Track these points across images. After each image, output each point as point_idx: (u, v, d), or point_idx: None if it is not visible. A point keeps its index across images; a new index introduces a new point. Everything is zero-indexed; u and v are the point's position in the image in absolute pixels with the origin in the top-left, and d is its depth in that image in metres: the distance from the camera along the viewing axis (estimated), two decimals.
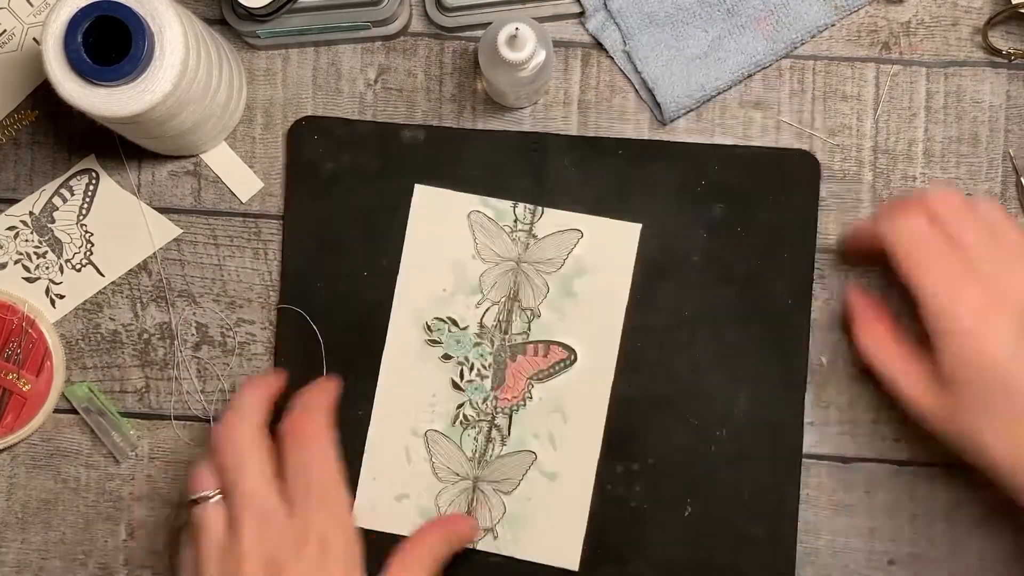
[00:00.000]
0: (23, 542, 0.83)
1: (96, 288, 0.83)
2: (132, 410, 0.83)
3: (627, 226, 0.80)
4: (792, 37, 0.80)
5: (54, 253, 0.83)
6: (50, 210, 0.83)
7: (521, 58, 0.72)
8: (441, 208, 0.81)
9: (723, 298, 0.80)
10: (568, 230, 0.80)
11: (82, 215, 0.83)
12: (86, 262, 0.83)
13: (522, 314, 0.80)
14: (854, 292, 0.79)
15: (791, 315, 0.80)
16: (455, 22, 0.81)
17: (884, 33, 0.81)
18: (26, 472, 0.83)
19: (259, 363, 0.82)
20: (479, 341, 0.81)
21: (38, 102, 0.83)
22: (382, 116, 0.82)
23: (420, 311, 0.81)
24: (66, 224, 0.83)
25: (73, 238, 0.83)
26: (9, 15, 0.83)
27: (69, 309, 0.83)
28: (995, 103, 0.81)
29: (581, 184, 0.80)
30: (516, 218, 0.81)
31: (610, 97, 0.82)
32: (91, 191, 0.83)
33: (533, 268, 0.81)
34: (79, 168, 0.83)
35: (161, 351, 0.83)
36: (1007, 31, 0.81)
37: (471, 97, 0.82)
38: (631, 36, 0.81)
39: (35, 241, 0.83)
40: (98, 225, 0.83)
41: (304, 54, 0.83)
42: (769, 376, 0.79)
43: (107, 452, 0.83)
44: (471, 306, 0.81)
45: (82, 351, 0.83)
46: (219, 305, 0.82)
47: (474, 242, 0.81)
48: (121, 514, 0.83)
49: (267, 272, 0.82)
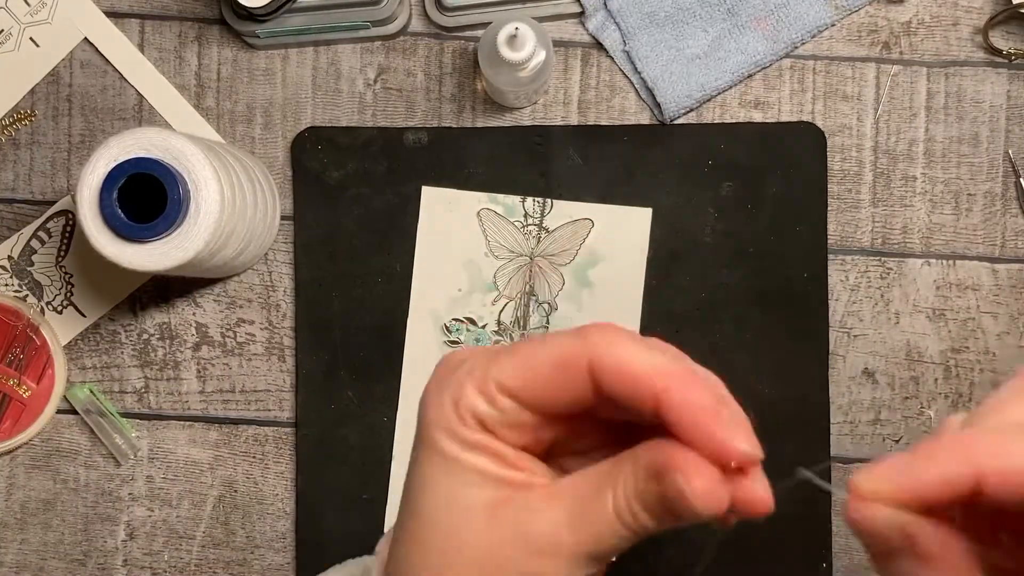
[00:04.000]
0: (22, 542, 0.83)
1: (78, 330, 0.82)
2: (132, 410, 0.83)
3: (638, 211, 0.80)
4: (792, 37, 0.80)
5: (34, 296, 0.82)
6: (28, 253, 0.82)
7: (521, 58, 0.72)
8: (450, 208, 0.81)
9: (739, 276, 0.80)
10: (579, 220, 0.81)
11: (60, 256, 0.82)
12: (67, 303, 0.82)
13: (539, 308, 0.81)
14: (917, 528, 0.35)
15: (808, 288, 0.80)
16: (455, 22, 0.81)
17: (884, 33, 0.81)
18: (25, 472, 0.83)
19: (259, 363, 0.82)
20: (498, 338, 0.81)
21: (37, 102, 0.83)
22: (382, 116, 0.82)
23: (437, 313, 0.81)
24: (45, 266, 0.82)
25: (53, 280, 0.82)
26: (6, 15, 0.83)
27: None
28: (995, 103, 0.81)
29: (588, 173, 0.81)
30: (526, 212, 0.81)
31: (610, 97, 0.82)
32: (68, 232, 0.82)
33: (547, 261, 0.81)
34: (56, 210, 0.82)
35: (161, 351, 0.82)
36: (1007, 31, 0.81)
37: (471, 97, 0.82)
38: (631, 36, 0.80)
39: (15, 285, 0.83)
40: (77, 266, 0.82)
41: (304, 54, 0.83)
42: (791, 352, 0.79)
43: (106, 452, 0.82)
44: (487, 304, 0.81)
45: (81, 351, 0.83)
46: (219, 305, 0.82)
47: (485, 240, 0.81)
48: (121, 514, 0.83)
49: (267, 272, 0.82)
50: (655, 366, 0.36)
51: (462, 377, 0.39)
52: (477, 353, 0.39)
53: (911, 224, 0.81)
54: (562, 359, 0.37)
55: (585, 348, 0.37)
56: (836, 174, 0.81)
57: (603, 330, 0.37)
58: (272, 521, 0.82)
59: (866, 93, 0.81)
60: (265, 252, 0.82)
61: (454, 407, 0.38)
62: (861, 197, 0.81)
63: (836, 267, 0.81)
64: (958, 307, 0.81)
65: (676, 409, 0.36)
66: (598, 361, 0.37)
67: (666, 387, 0.36)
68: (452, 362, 0.40)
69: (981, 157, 0.81)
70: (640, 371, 0.36)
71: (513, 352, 0.38)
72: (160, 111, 0.82)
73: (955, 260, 0.81)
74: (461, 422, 0.38)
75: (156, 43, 0.83)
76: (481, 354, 0.39)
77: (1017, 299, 0.81)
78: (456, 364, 0.40)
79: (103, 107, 0.83)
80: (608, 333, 0.37)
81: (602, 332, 0.37)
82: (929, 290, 0.81)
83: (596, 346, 0.37)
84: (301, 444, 0.81)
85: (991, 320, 0.80)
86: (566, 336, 0.38)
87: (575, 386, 0.37)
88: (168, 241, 0.67)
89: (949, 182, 0.81)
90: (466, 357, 0.40)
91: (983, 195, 0.81)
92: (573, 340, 0.37)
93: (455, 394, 0.38)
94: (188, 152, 0.67)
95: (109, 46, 0.83)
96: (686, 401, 0.35)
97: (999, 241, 0.81)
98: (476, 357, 0.39)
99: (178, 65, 0.83)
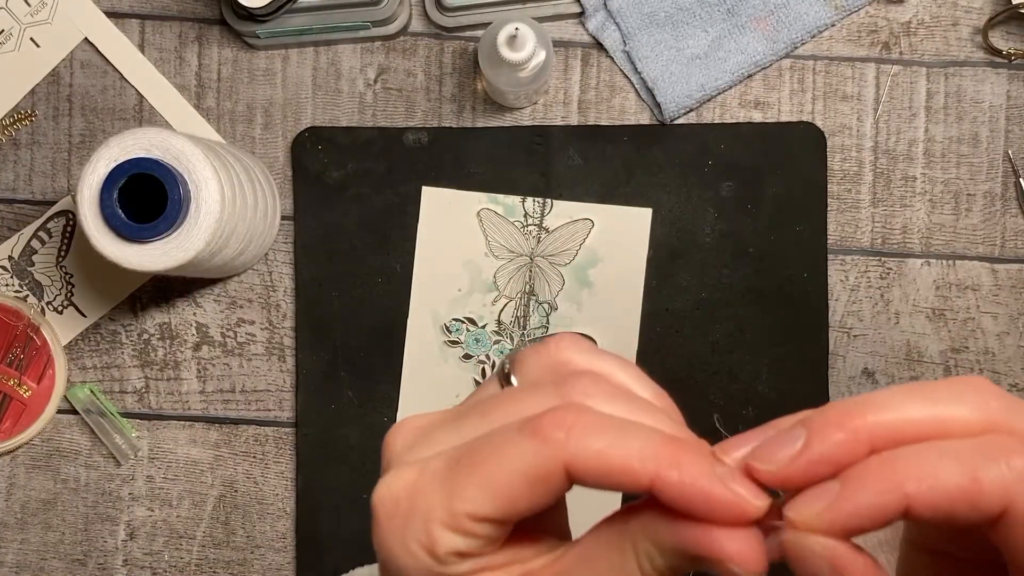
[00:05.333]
0: (23, 542, 0.83)
1: (79, 330, 0.82)
2: (132, 410, 0.83)
3: (638, 211, 0.80)
4: (792, 37, 0.80)
5: (35, 296, 0.82)
6: (29, 253, 0.82)
7: (521, 58, 0.72)
8: (450, 208, 0.81)
9: (739, 276, 0.80)
10: (579, 220, 0.81)
11: (61, 256, 0.82)
12: (67, 303, 0.82)
13: (539, 308, 0.81)
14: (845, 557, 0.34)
15: (808, 288, 0.80)
16: (455, 22, 0.81)
17: (884, 33, 0.81)
18: (26, 472, 0.83)
19: (259, 363, 0.82)
20: (498, 338, 0.81)
21: (38, 102, 0.83)
22: (382, 116, 0.82)
23: (437, 313, 0.81)
24: (46, 266, 0.82)
25: (53, 280, 0.82)
26: (7, 15, 0.83)
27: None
28: (995, 103, 0.81)
29: (588, 173, 0.81)
30: (526, 212, 0.81)
31: (610, 97, 0.82)
32: (68, 232, 0.82)
33: (547, 261, 0.81)
34: (56, 210, 0.82)
35: (161, 351, 0.82)
36: (1007, 31, 0.81)
37: (471, 97, 0.82)
38: (631, 36, 0.80)
39: (15, 285, 0.83)
40: (77, 266, 0.82)
41: (304, 54, 0.83)
42: (791, 350, 0.79)
43: (107, 452, 0.82)
44: (487, 304, 0.81)
45: (82, 351, 0.83)
46: (219, 305, 0.82)
47: (485, 240, 0.81)
48: (121, 514, 0.83)
49: (267, 272, 0.82)
50: (638, 454, 0.33)
51: (424, 520, 0.34)
52: (424, 484, 0.35)
53: (911, 224, 0.81)
54: (534, 473, 0.33)
55: (555, 453, 0.33)
56: (836, 174, 0.81)
57: (563, 422, 0.33)
58: (272, 521, 0.82)
59: (866, 93, 0.81)
60: (265, 252, 0.82)
61: (429, 553, 0.34)
62: (861, 197, 0.81)
63: (836, 267, 0.81)
64: (958, 307, 0.81)
65: (674, 489, 0.34)
66: (573, 464, 0.33)
67: (656, 474, 0.33)
68: (393, 502, 0.35)
69: (981, 157, 0.81)
70: (623, 465, 0.33)
71: (470, 472, 0.34)
72: (160, 111, 0.82)
73: (955, 260, 0.81)
74: (441, 563, 0.35)
75: (156, 43, 0.83)
76: (430, 485, 0.35)
77: (1017, 299, 0.81)
78: (400, 503, 0.35)
79: (103, 107, 0.83)
80: (574, 428, 0.33)
81: (565, 427, 0.33)
82: (929, 290, 0.81)
83: (566, 448, 0.33)
84: (301, 444, 0.81)
85: (991, 320, 0.80)
86: (524, 439, 0.33)
87: (553, 491, 0.34)
88: (168, 241, 0.67)
89: (949, 182, 0.81)
90: (407, 487, 0.35)
91: (983, 195, 0.81)
92: (538, 447, 0.33)
93: (425, 540, 0.34)
94: (188, 152, 0.67)
95: (109, 46, 0.83)
96: (682, 482, 0.34)
97: (999, 241, 0.81)
98: (425, 492, 0.35)
99: (178, 65, 0.83)
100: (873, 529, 0.32)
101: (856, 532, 0.32)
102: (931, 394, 0.33)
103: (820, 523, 0.32)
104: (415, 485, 0.35)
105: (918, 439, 0.32)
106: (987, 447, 0.31)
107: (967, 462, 0.31)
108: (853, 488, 0.32)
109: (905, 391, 0.33)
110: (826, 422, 0.33)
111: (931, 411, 0.33)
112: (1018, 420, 0.32)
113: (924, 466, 0.31)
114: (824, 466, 0.33)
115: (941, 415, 0.33)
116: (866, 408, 0.33)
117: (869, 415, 0.33)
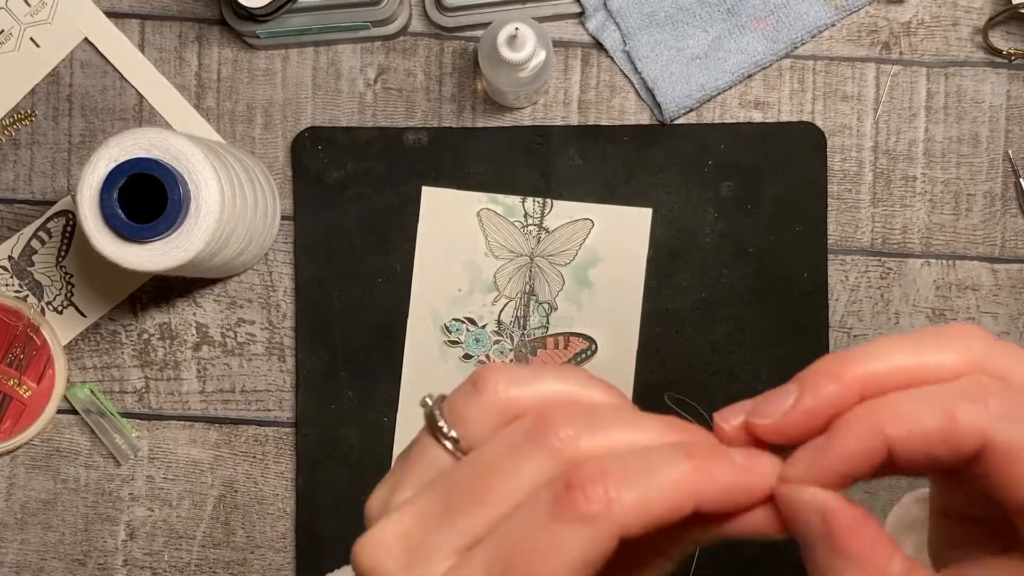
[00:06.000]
0: (23, 542, 0.83)
1: (78, 330, 0.82)
2: (132, 410, 0.83)
3: (638, 211, 0.80)
4: (792, 37, 0.80)
5: (35, 296, 0.82)
6: (29, 253, 0.82)
7: (521, 58, 0.72)
8: (450, 208, 0.81)
9: (739, 276, 0.80)
10: (579, 220, 0.81)
11: (61, 256, 0.82)
12: (67, 303, 0.82)
13: (539, 308, 0.81)
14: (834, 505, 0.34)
15: (808, 288, 0.80)
16: (455, 22, 0.81)
17: (884, 33, 0.81)
18: (26, 472, 0.83)
19: (259, 363, 0.82)
20: (498, 338, 0.81)
21: (37, 102, 0.83)
22: (382, 116, 0.82)
23: (437, 313, 0.81)
24: (46, 266, 0.82)
25: (53, 280, 0.82)
26: (7, 15, 0.83)
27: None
28: (995, 103, 0.81)
29: (588, 173, 0.81)
30: (526, 212, 0.81)
31: (610, 97, 0.82)
32: (68, 232, 0.82)
33: (547, 261, 0.81)
34: (56, 210, 0.82)
35: (161, 351, 0.82)
36: (1007, 31, 0.81)
37: (471, 97, 0.82)
38: (631, 36, 0.80)
39: (15, 285, 0.83)
40: (77, 266, 0.82)
41: (304, 54, 0.83)
42: (791, 350, 0.80)
43: (106, 452, 0.82)
44: (487, 304, 0.81)
45: (82, 351, 0.83)
46: (219, 305, 0.82)
47: (485, 240, 0.81)
48: (121, 514, 0.83)
49: (267, 272, 0.82)
50: (673, 487, 0.32)
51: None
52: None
53: (911, 224, 0.81)
54: (593, 557, 0.31)
55: (608, 530, 0.31)
56: (836, 174, 0.81)
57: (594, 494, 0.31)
58: (272, 521, 0.82)
59: (866, 93, 0.81)
60: (265, 252, 0.82)
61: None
62: (861, 197, 0.81)
63: (836, 267, 0.81)
64: (958, 307, 0.81)
65: (717, 502, 0.33)
66: (627, 532, 0.31)
67: (698, 497, 0.32)
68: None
69: (981, 157, 0.81)
70: (673, 507, 0.32)
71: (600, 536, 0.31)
72: (160, 111, 0.82)
73: (955, 260, 0.81)
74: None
75: (156, 43, 0.83)
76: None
77: (1017, 299, 0.81)
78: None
79: (103, 107, 0.83)
80: (609, 492, 0.31)
81: (599, 498, 0.31)
82: (929, 290, 0.81)
83: (613, 519, 0.31)
84: (301, 444, 0.81)
85: (991, 320, 0.80)
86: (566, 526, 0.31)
87: (604, 561, 0.32)
88: (168, 241, 0.67)
89: (949, 182, 0.81)
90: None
91: (983, 195, 0.81)
92: (588, 531, 0.31)
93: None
94: (188, 152, 0.67)
95: (109, 46, 0.83)
96: (722, 491, 0.33)
97: (999, 241, 0.81)
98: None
99: (178, 65, 0.83)
100: (862, 476, 0.33)
101: (845, 479, 0.33)
102: (918, 342, 0.34)
103: (810, 473, 0.33)
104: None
105: (906, 386, 0.33)
106: (965, 388, 0.32)
107: (944, 403, 0.32)
108: (838, 435, 0.33)
109: (893, 341, 0.34)
110: (817, 375, 0.35)
111: (918, 358, 0.33)
112: (1001, 361, 0.33)
113: (903, 409, 0.32)
114: (818, 417, 0.34)
115: (928, 362, 0.33)
116: (855, 359, 0.34)
117: (858, 366, 0.34)
